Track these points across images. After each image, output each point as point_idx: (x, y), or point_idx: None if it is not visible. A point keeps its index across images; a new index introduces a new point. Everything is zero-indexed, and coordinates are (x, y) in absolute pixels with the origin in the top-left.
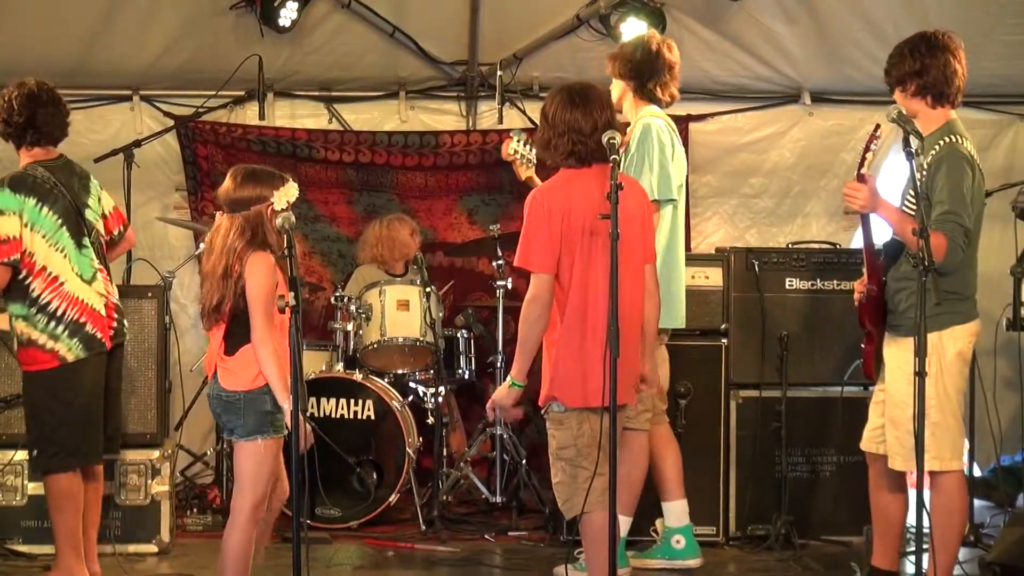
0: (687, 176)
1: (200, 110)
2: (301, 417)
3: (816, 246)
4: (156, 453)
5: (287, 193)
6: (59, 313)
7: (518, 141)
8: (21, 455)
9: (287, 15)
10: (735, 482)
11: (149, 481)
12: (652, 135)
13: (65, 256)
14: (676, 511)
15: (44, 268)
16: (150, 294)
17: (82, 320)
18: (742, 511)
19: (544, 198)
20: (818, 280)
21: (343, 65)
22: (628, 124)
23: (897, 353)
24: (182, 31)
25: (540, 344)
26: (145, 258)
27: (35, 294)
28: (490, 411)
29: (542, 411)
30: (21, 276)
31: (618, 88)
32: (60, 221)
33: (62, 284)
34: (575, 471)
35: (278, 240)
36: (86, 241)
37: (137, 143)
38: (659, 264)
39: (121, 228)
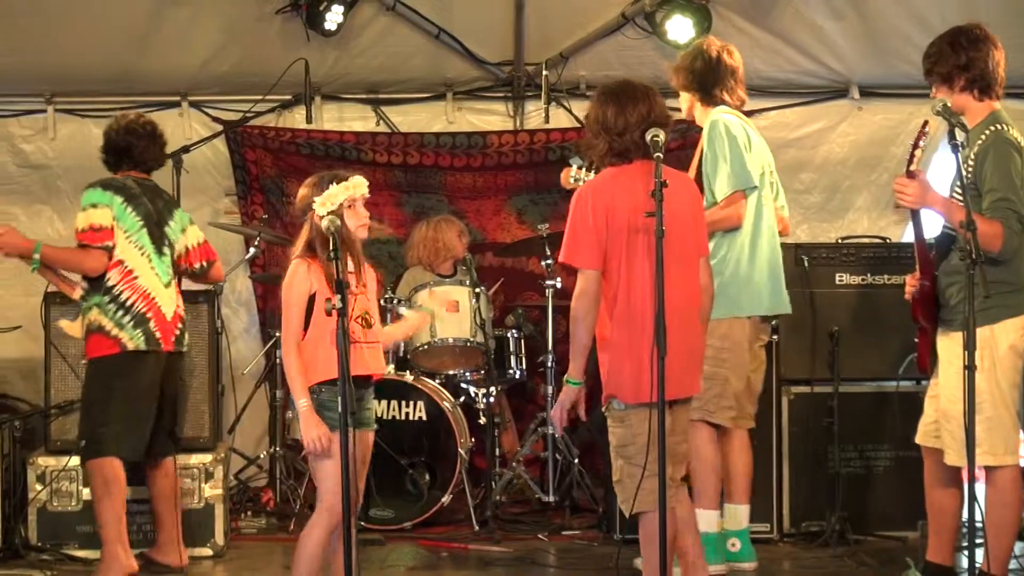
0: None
1: (248, 115)
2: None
3: (866, 241)
4: (210, 457)
5: (331, 196)
6: (128, 304)
7: (577, 168)
8: (76, 461)
9: (333, 18)
10: (788, 479)
11: (203, 485)
12: (719, 128)
13: (144, 255)
14: (737, 514)
15: (122, 261)
16: (201, 299)
17: (148, 315)
18: (796, 508)
19: (589, 195)
20: (868, 275)
21: (390, 67)
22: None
23: (950, 347)
24: (228, 36)
25: (593, 340)
26: None
27: (110, 284)
28: (557, 419)
29: (603, 409)
30: None
31: (686, 100)
32: (142, 223)
33: (136, 278)
34: (633, 469)
35: (322, 243)
36: (165, 250)
37: (186, 148)
38: (738, 251)
39: (204, 263)
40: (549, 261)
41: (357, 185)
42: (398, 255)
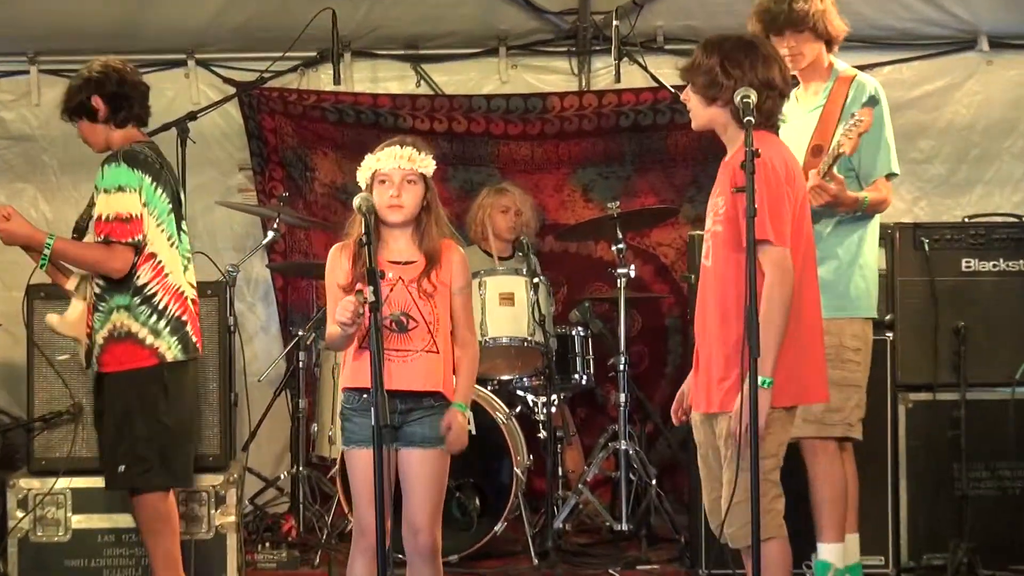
0: None
1: (266, 75)
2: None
3: (999, 220)
4: (220, 478)
5: (363, 169)
6: (162, 307)
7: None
8: (64, 483)
9: None
10: (906, 502)
11: (213, 511)
12: (883, 93)
13: (172, 245)
14: (850, 545)
15: (153, 255)
16: (210, 292)
17: (184, 318)
18: (915, 537)
19: (777, 160)
20: (1001, 260)
21: (432, 18)
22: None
23: None
24: None
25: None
26: (203, 251)
27: (140, 282)
28: (737, 431)
29: (731, 415)
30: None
31: (806, 48)
32: (170, 205)
33: (167, 275)
34: (765, 486)
35: (358, 224)
36: (184, 226)
37: (193, 115)
38: (872, 240)
39: None
40: (621, 246)
41: (385, 157)
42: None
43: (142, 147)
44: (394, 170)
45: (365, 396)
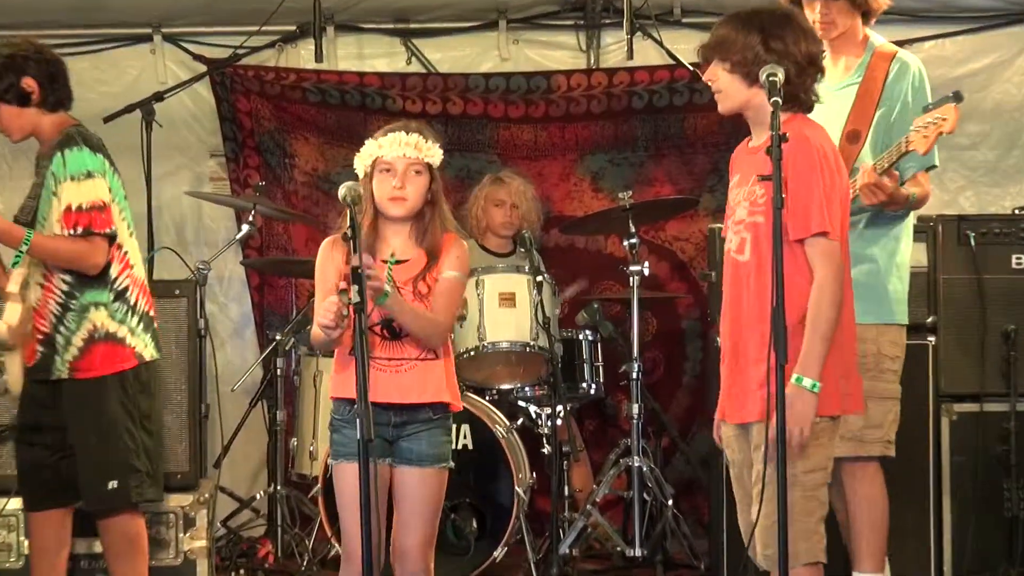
0: None
1: (240, 51)
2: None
3: None
4: (190, 498)
5: (369, 151)
6: (134, 302)
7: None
8: (16, 503)
9: None
10: (950, 524)
11: (181, 535)
12: (926, 77)
13: (131, 234)
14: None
15: (120, 246)
16: (178, 292)
17: (151, 314)
18: (960, 560)
19: (825, 148)
20: None
21: None
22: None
23: None
24: None
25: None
26: (170, 246)
27: (113, 276)
28: (796, 440)
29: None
30: None
31: (841, 17)
32: (124, 192)
33: (134, 268)
34: (811, 505)
35: (342, 216)
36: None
37: (159, 96)
38: (909, 240)
39: None
40: (634, 240)
41: (388, 144)
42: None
43: (86, 130)
44: (398, 158)
45: (354, 407)
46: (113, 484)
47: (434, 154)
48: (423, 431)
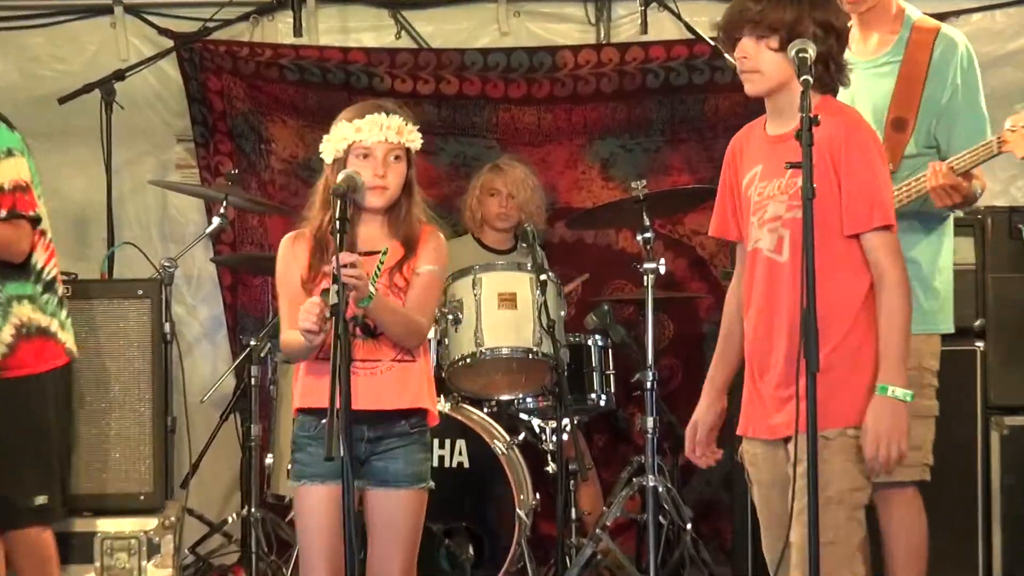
0: None
1: (210, 25)
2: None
3: None
4: (154, 522)
5: (333, 139)
6: (61, 293)
7: None
8: None
9: None
10: (1000, 548)
11: (144, 562)
12: (975, 60)
13: (48, 220)
14: None
15: (44, 232)
16: (141, 292)
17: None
18: None
19: (875, 135)
20: None
21: None
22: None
23: None
24: None
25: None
26: (133, 241)
27: (39, 266)
28: (887, 459)
29: (822, 436)
30: None
31: None
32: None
33: (55, 256)
34: (853, 525)
35: (321, 207)
36: None
37: (120, 74)
38: (952, 241)
39: None
40: (648, 235)
41: (368, 127)
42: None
43: None
44: (378, 143)
45: (323, 420)
46: (42, 499)
47: (415, 138)
48: (399, 447)
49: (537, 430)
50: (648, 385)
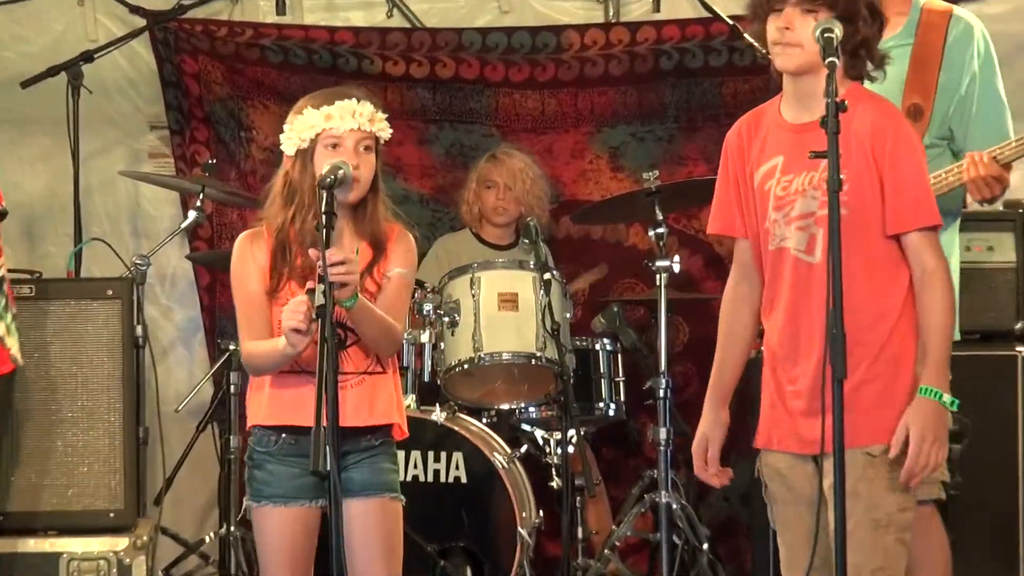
0: None
1: (186, 2)
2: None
3: None
4: (125, 541)
5: (299, 127)
6: (6, 294)
7: None
8: None
9: None
10: None
11: None
12: (991, 46)
13: None
14: None
15: None
16: (111, 292)
17: (14, 310)
18: None
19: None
20: None
21: None
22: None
23: None
24: None
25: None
26: (102, 237)
27: None
28: (926, 466)
29: (866, 452)
30: None
31: None
32: None
33: (1, 253)
34: (902, 549)
35: (282, 204)
36: None
37: (88, 56)
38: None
39: None
40: (661, 230)
41: (339, 114)
42: (424, 220)
43: None
44: (349, 132)
45: (285, 436)
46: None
47: (385, 127)
48: (364, 459)
49: (540, 442)
50: (661, 393)
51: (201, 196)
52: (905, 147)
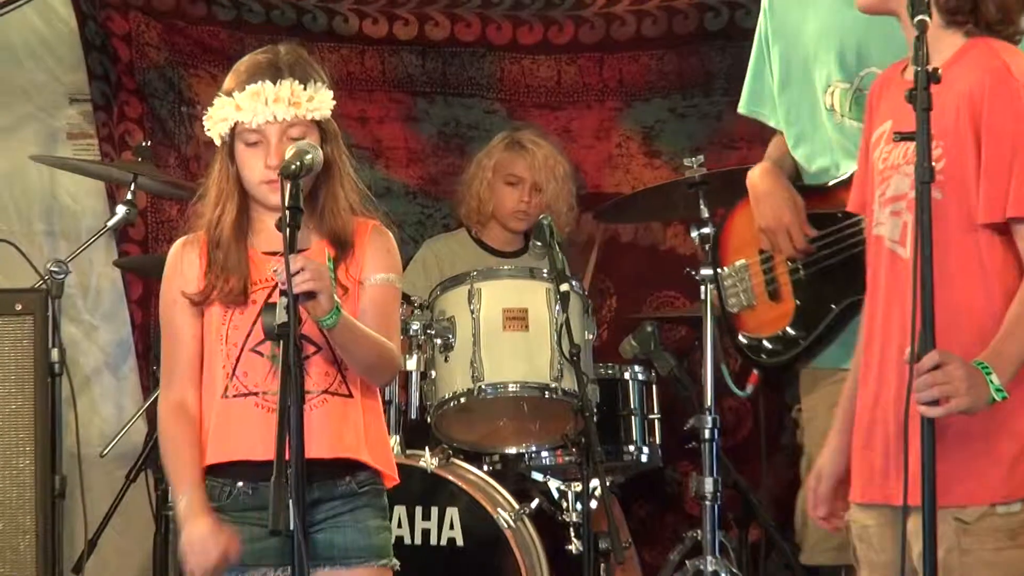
0: None
1: None
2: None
3: None
4: None
5: (221, 112)
6: None
7: None
8: None
9: None
10: None
11: None
12: None
13: None
14: None
15: None
16: (20, 307)
17: None
18: None
19: None
20: None
21: None
22: None
23: None
24: None
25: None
26: (9, 238)
27: None
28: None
29: (962, 518)
30: None
31: None
32: None
33: None
34: None
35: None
36: None
37: None
38: None
39: None
40: (707, 230)
41: (248, 102)
42: (411, 218)
43: None
44: (267, 125)
45: (241, 486)
46: None
47: (320, 103)
48: (345, 513)
49: (556, 495)
50: (706, 434)
51: (132, 187)
52: (1008, 113)
